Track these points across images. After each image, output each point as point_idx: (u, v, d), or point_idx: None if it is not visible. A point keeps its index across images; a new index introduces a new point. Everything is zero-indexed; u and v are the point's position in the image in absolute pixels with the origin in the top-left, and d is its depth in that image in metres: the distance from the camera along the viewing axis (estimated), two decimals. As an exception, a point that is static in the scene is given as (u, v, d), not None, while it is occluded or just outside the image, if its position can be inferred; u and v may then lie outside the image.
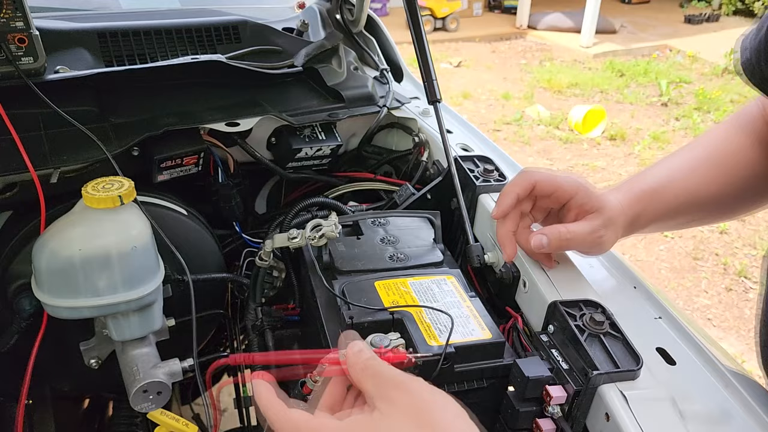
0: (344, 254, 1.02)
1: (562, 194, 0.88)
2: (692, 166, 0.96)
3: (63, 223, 0.93)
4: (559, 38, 8.72)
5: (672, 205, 0.94)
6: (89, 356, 1.08)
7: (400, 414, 0.55)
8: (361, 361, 0.62)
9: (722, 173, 0.96)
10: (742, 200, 1.00)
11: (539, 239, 0.86)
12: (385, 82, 1.45)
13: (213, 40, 1.34)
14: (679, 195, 0.94)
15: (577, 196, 0.87)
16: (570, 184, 0.87)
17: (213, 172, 1.24)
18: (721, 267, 3.77)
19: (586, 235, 0.86)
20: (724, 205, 0.99)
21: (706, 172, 0.95)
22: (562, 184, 0.87)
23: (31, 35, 1.00)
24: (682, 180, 0.95)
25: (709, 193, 0.96)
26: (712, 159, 0.97)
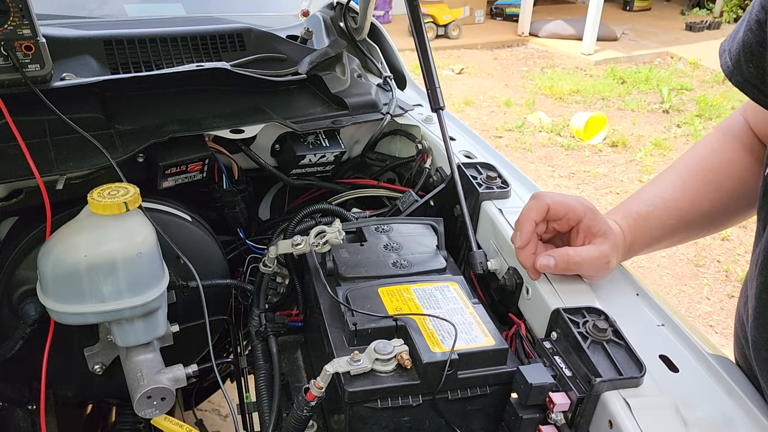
0: (348, 261, 1.02)
1: (573, 216, 0.89)
2: (683, 185, 0.98)
3: (68, 229, 0.93)
4: (561, 45, 8.73)
5: (666, 226, 0.96)
6: (93, 362, 1.08)
7: None
8: None
9: (713, 189, 0.97)
10: (735, 211, 1.01)
11: (546, 261, 0.87)
12: (389, 89, 1.46)
13: (218, 48, 1.35)
14: (672, 216, 0.96)
15: (586, 218, 0.88)
16: (580, 207, 0.89)
17: (217, 178, 1.25)
18: (723, 274, 3.76)
19: (594, 259, 0.87)
20: (717, 219, 1.01)
21: (697, 190, 0.97)
22: (574, 206, 0.89)
23: (37, 42, 1.01)
24: (674, 200, 0.96)
25: (702, 211, 0.97)
26: (702, 174, 0.98)
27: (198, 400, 1.85)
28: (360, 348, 0.83)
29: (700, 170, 0.99)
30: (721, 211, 0.99)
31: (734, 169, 0.97)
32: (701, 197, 0.97)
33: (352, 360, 0.80)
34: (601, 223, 0.88)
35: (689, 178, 0.99)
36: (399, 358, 0.81)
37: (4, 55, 0.99)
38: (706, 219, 0.99)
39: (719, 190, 0.97)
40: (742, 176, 0.97)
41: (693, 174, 0.99)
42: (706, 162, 0.99)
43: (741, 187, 0.97)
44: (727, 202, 0.98)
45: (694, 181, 0.98)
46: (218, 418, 2.45)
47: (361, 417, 0.81)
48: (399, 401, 0.81)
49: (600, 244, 0.88)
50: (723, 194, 0.97)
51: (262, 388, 1.04)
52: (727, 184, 0.97)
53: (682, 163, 1.02)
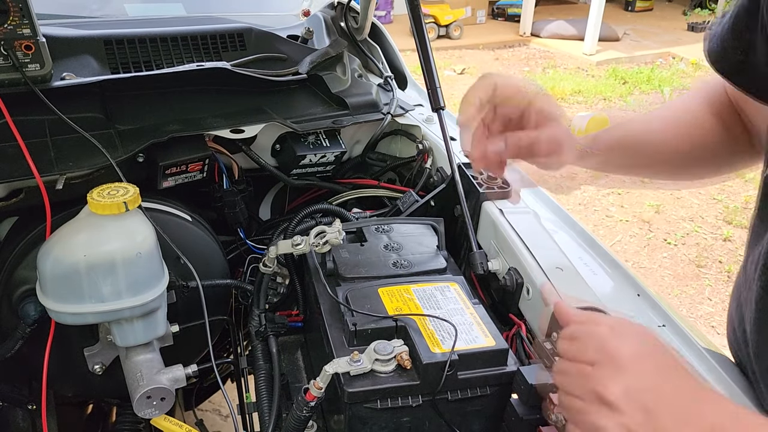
0: (348, 261, 1.02)
1: (522, 98, 0.85)
2: (649, 118, 1.00)
3: (68, 229, 0.93)
4: (563, 46, 8.72)
5: (627, 139, 0.97)
6: (93, 362, 1.08)
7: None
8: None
9: (680, 131, 0.98)
10: (694, 162, 1.02)
11: (495, 147, 0.84)
12: (389, 89, 1.46)
13: (218, 48, 1.35)
14: (636, 134, 0.97)
15: (537, 100, 0.85)
16: (530, 88, 0.85)
17: (217, 178, 1.25)
18: (725, 274, 3.76)
19: (545, 141, 0.83)
20: (673, 160, 1.01)
21: (664, 125, 0.98)
22: (522, 87, 0.85)
23: (37, 42, 1.01)
24: (640, 122, 0.98)
25: (665, 142, 0.98)
26: (670, 119, 1.00)
27: (198, 401, 1.85)
28: (360, 348, 0.82)
29: (670, 116, 1.00)
30: (680, 156, 1.00)
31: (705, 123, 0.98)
32: (665, 130, 0.98)
33: (351, 360, 0.79)
34: (555, 107, 0.85)
35: (657, 116, 1.00)
36: (399, 359, 0.80)
37: (4, 55, 0.99)
38: (664, 154, 1.00)
39: (685, 134, 0.98)
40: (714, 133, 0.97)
41: (661, 116, 1.00)
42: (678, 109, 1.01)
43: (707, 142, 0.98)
44: (694, 148, 0.99)
45: (661, 119, 0.99)
46: (219, 419, 2.45)
47: (361, 417, 0.81)
48: (399, 402, 0.80)
49: (553, 127, 0.84)
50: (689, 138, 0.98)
51: (262, 389, 1.04)
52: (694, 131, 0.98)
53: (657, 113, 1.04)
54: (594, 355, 0.63)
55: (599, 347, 0.63)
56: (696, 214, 4.40)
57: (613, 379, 0.60)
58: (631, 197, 4.62)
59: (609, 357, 0.62)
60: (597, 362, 0.62)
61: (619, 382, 0.60)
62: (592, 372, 0.62)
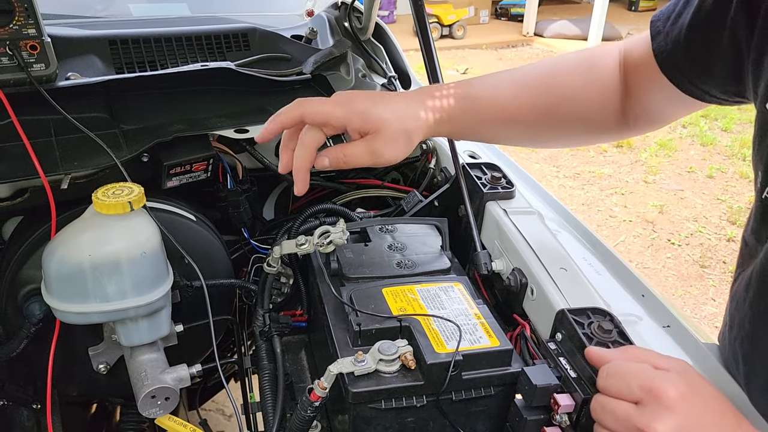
0: (352, 261, 1.02)
1: (336, 123, 0.86)
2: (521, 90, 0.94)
3: (73, 228, 0.94)
4: (566, 46, 8.71)
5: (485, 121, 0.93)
6: (98, 361, 1.08)
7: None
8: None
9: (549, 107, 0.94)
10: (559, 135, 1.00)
11: (322, 160, 0.87)
12: (393, 89, 1.46)
13: (222, 48, 1.35)
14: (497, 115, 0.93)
15: (352, 123, 0.85)
16: (340, 113, 0.85)
17: (222, 178, 1.25)
18: (729, 275, 3.75)
19: (360, 155, 0.85)
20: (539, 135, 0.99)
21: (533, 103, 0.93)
22: (332, 114, 0.85)
23: (43, 42, 1.01)
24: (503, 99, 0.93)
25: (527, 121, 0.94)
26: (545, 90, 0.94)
27: (202, 400, 1.85)
28: (364, 348, 0.82)
29: (545, 84, 0.94)
30: (546, 130, 0.97)
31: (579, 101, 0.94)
32: (531, 108, 0.93)
33: (356, 360, 0.79)
34: (371, 122, 0.84)
35: (531, 86, 0.94)
36: (403, 359, 0.80)
37: (9, 55, 0.99)
38: (528, 129, 0.97)
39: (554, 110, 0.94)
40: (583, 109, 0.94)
41: (537, 85, 0.94)
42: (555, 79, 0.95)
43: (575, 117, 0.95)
44: (556, 125, 0.96)
45: (534, 90, 0.94)
46: (222, 418, 2.45)
47: (365, 417, 0.81)
48: (403, 402, 0.80)
49: (369, 141, 0.85)
50: (555, 118, 0.95)
51: (266, 388, 1.04)
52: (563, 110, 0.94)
53: (533, 70, 0.97)
54: (639, 393, 0.63)
55: (644, 385, 0.63)
56: (700, 215, 4.39)
57: (660, 419, 0.61)
58: (635, 197, 4.62)
59: (655, 396, 0.62)
60: (642, 400, 0.63)
61: (667, 421, 0.60)
62: (636, 410, 0.63)
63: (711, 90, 0.80)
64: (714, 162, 5.22)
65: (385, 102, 0.87)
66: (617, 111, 0.93)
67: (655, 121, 0.94)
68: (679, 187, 4.81)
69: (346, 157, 0.86)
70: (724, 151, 5.43)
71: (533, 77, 0.95)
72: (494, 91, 0.93)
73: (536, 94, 0.93)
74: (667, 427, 0.60)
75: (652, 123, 0.95)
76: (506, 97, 0.93)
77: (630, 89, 0.92)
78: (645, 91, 0.90)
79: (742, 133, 5.80)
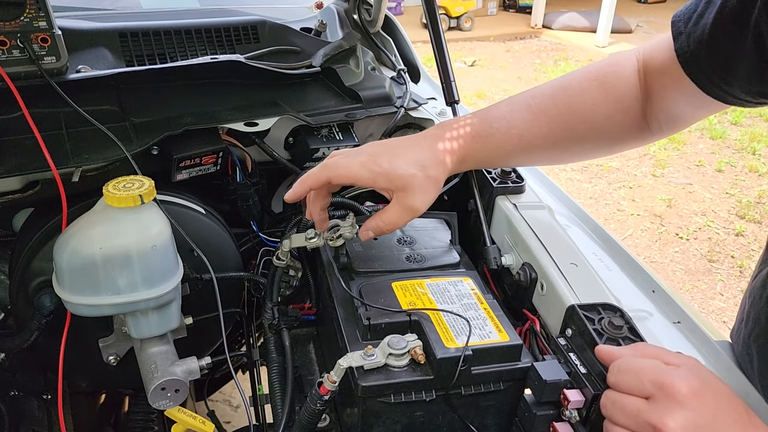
0: (361, 255, 1.02)
1: (363, 184, 0.90)
2: (536, 116, 0.94)
3: (84, 221, 0.94)
4: (574, 38, 8.67)
5: (503, 152, 0.95)
6: (108, 353, 1.09)
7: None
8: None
9: (566, 128, 0.94)
10: (578, 153, 1.00)
11: (366, 234, 0.92)
12: (402, 82, 1.45)
13: (232, 40, 1.35)
14: (513, 144, 0.94)
15: (377, 183, 0.88)
16: (366, 176, 0.88)
17: (231, 171, 1.25)
18: (737, 269, 3.73)
19: (399, 217, 0.89)
20: (558, 156, 1.01)
21: (548, 125, 0.94)
22: (359, 176, 0.88)
23: (53, 35, 1.02)
24: (519, 129, 0.94)
25: (545, 145, 0.95)
26: (559, 111, 0.94)
27: (210, 391, 1.86)
28: (373, 342, 0.82)
29: (559, 106, 0.94)
30: (567, 150, 0.98)
31: (595, 120, 0.93)
32: (548, 133, 0.94)
33: (365, 354, 0.80)
34: (396, 180, 0.87)
35: (545, 111, 0.94)
36: (413, 353, 0.81)
37: (20, 47, 0.99)
38: (549, 153, 0.98)
39: (572, 133, 0.95)
40: (601, 124, 0.94)
41: (551, 109, 0.94)
42: (568, 100, 0.94)
43: (594, 134, 0.95)
44: (576, 144, 0.97)
45: (548, 115, 0.94)
46: (229, 409, 2.47)
47: (375, 411, 0.81)
48: (412, 396, 0.80)
49: (400, 200, 0.88)
50: (574, 138, 0.95)
51: (274, 381, 1.04)
52: (581, 128, 0.94)
53: (545, 92, 0.97)
54: (650, 389, 0.63)
55: (655, 381, 0.63)
56: (708, 209, 4.37)
57: (671, 414, 0.61)
58: (643, 191, 4.60)
59: (667, 392, 0.62)
60: (653, 396, 0.63)
61: (678, 417, 0.60)
62: (648, 406, 0.63)
63: (734, 91, 0.80)
64: (723, 156, 5.18)
65: (406, 153, 0.89)
66: (638, 119, 0.93)
67: (677, 124, 0.94)
68: (687, 180, 4.78)
69: (386, 224, 0.90)
70: (733, 144, 5.40)
71: (546, 101, 0.95)
72: (509, 122, 0.94)
73: (551, 119, 0.93)
74: (678, 423, 0.60)
75: (675, 126, 0.94)
76: (521, 127, 0.93)
77: (651, 94, 0.91)
78: (667, 95, 0.89)
79: (752, 126, 5.76)
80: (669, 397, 0.62)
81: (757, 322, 0.79)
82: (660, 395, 0.62)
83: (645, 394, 0.64)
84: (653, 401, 0.63)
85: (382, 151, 0.90)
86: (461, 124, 0.94)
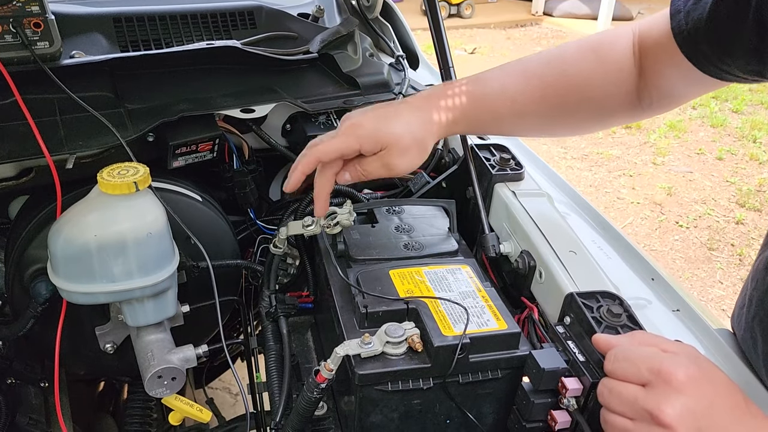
0: (359, 242, 1.01)
1: (351, 152, 0.89)
2: (529, 81, 0.94)
3: (78, 208, 0.93)
4: (575, 25, 8.62)
5: (496, 115, 0.95)
6: (104, 341, 1.09)
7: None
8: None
9: (560, 96, 0.94)
10: (573, 125, 1.00)
11: (343, 175, 0.92)
12: (401, 68, 1.44)
13: (228, 26, 1.33)
14: (506, 106, 0.94)
15: (365, 147, 0.89)
16: (353, 143, 0.89)
17: (228, 158, 1.24)
18: (737, 257, 3.73)
19: (376, 169, 0.90)
20: (552, 125, 1.00)
21: (542, 92, 0.93)
22: (345, 146, 0.89)
23: (46, 20, 1.00)
24: (512, 93, 0.94)
25: (538, 112, 0.95)
26: (554, 79, 0.94)
27: (208, 379, 1.87)
28: (371, 330, 0.82)
29: (554, 73, 0.94)
30: (558, 120, 0.98)
31: (591, 90, 0.93)
32: (541, 99, 0.94)
33: (362, 342, 0.79)
34: (381, 141, 0.88)
35: (540, 77, 0.94)
36: (410, 341, 0.80)
37: (12, 33, 0.98)
38: (541, 120, 0.97)
39: (567, 103, 0.94)
40: (593, 94, 0.94)
41: (545, 75, 0.94)
42: (563, 67, 0.94)
43: (586, 104, 0.94)
44: (568, 114, 0.96)
45: (543, 81, 0.94)
46: (228, 396, 2.47)
47: (372, 399, 0.81)
48: (410, 384, 0.80)
49: (382, 155, 0.89)
50: (566, 107, 0.95)
51: (272, 369, 1.04)
52: (574, 97, 0.94)
53: (540, 60, 0.97)
54: (648, 376, 0.63)
55: (652, 368, 0.63)
56: (708, 197, 4.36)
57: (668, 401, 0.60)
58: (643, 179, 4.59)
59: (664, 378, 0.62)
60: (650, 383, 0.63)
61: (676, 403, 0.60)
62: (645, 392, 0.63)
63: (732, 69, 0.79)
64: (724, 144, 5.17)
65: (395, 116, 0.89)
66: (630, 93, 0.92)
67: (670, 101, 0.93)
68: (688, 169, 4.77)
69: (364, 172, 0.91)
70: (734, 132, 5.38)
71: (541, 67, 0.95)
72: (503, 85, 0.94)
73: (545, 85, 0.93)
74: (676, 409, 0.60)
75: (668, 103, 0.93)
76: (515, 90, 0.93)
77: (645, 70, 0.90)
78: (661, 72, 0.88)
79: (753, 114, 5.74)
80: (666, 383, 0.61)
81: (761, 305, 0.78)
82: (657, 382, 0.62)
83: (642, 381, 0.64)
84: (650, 388, 0.63)
85: (368, 116, 0.91)
86: (454, 85, 0.94)
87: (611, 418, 0.66)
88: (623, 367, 0.66)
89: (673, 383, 0.61)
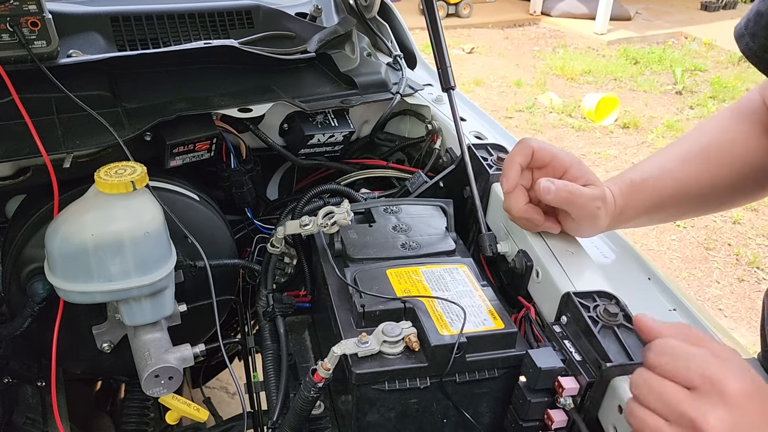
0: (356, 242, 1.01)
1: (559, 164, 0.87)
2: (685, 157, 0.95)
3: (76, 208, 0.93)
4: (573, 25, 8.61)
5: (662, 196, 0.94)
6: (102, 340, 1.09)
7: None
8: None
9: (716, 165, 0.95)
10: (739, 192, 0.99)
11: (547, 184, 0.84)
12: (399, 68, 1.44)
13: (226, 25, 1.33)
14: (669, 186, 0.93)
15: (572, 168, 0.87)
16: (566, 156, 0.88)
17: (225, 157, 1.24)
18: (734, 257, 3.74)
19: (587, 199, 0.85)
20: (718, 197, 0.99)
21: (699, 165, 0.95)
22: (558, 154, 0.88)
23: (44, 18, 1.00)
24: (673, 171, 0.94)
25: (701, 186, 0.95)
26: (707, 150, 0.95)
27: (206, 378, 1.87)
28: (368, 330, 0.82)
29: (706, 146, 0.96)
30: (723, 190, 0.97)
31: (744, 150, 0.94)
32: (702, 172, 0.94)
33: (359, 342, 0.79)
34: (590, 174, 0.86)
35: (693, 151, 0.96)
36: (407, 341, 0.80)
37: (10, 31, 0.98)
38: (706, 195, 0.97)
39: (723, 167, 0.94)
40: (752, 157, 0.94)
41: (697, 148, 0.96)
42: (713, 138, 0.96)
43: (749, 168, 0.95)
44: (730, 182, 0.96)
45: (698, 155, 0.95)
46: (226, 396, 2.47)
47: (369, 399, 0.81)
48: (407, 383, 0.80)
49: (592, 189, 0.86)
50: (727, 173, 0.95)
51: (269, 368, 1.04)
52: (733, 162, 0.94)
53: (688, 137, 0.99)
54: (697, 381, 0.60)
55: (704, 373, 0.60)
56: (706, 197, 4.36)
57: (715, 412, 0.57)
58: (641, 179, 4.59)
59: (715, 387, 0.58)
60: (699, 388, 0.60)
61: (724, 416, 0.57)
62: (691, 397, 0.60)
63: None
64: (721, 144, 5.17)
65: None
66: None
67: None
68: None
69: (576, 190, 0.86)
70: (731, 132, 5.38)
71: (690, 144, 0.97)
72: (660, 167, 0.95)
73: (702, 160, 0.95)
74: (723, 423, 0.57)
75: None
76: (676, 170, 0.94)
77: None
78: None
79: (750, 114, 5.74)
80: (718, 393, 0.58)
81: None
82: (707, 389, 0.59)
83: (690, 384, 0.60)
84: (698, 394, 0.59)
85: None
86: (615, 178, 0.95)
87: (643, 414, 0.63)
88: (671, 363, 0.63)
89: (724, 394, 0.58)
